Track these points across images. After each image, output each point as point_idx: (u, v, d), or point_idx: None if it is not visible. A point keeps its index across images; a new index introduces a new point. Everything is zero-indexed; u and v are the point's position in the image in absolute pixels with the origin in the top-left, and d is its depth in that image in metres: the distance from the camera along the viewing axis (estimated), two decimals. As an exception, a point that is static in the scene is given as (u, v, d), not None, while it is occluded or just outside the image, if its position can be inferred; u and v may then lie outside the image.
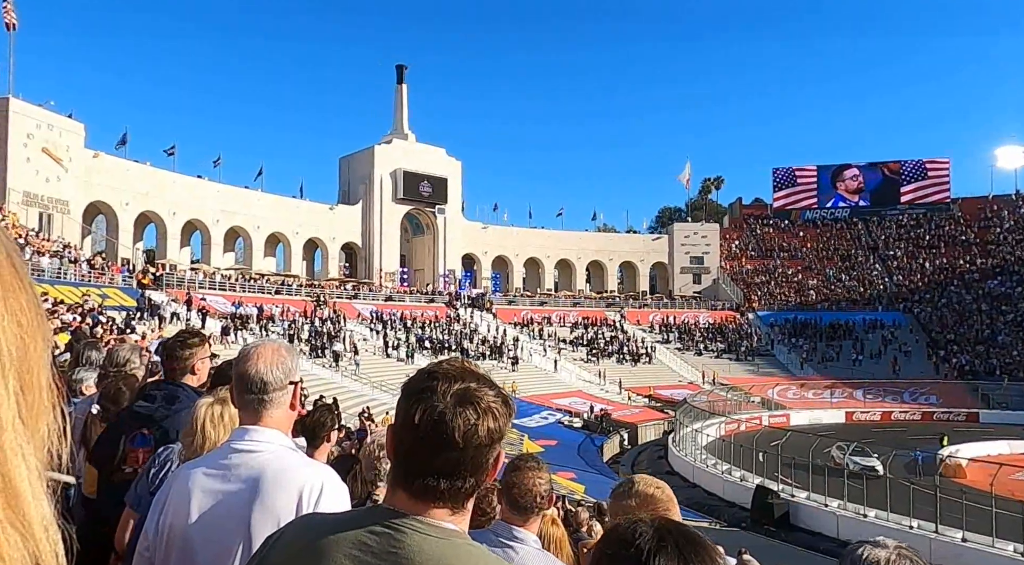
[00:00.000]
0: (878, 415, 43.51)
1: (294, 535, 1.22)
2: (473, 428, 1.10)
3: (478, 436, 1.10)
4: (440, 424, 1.10)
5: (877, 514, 18.64)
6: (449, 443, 1.10)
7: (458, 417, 1.10)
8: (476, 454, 1.12)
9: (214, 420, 2.16)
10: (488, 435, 1.12)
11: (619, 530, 1.11)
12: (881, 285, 62.70)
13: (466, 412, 1.11)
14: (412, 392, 1.16)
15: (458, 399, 1.12)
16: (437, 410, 1.11)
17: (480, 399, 1.13)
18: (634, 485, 1.88)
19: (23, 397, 0.36)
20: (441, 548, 1.07)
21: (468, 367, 1.19)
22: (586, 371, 47.96)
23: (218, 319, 35.95)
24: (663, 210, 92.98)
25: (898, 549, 1.16)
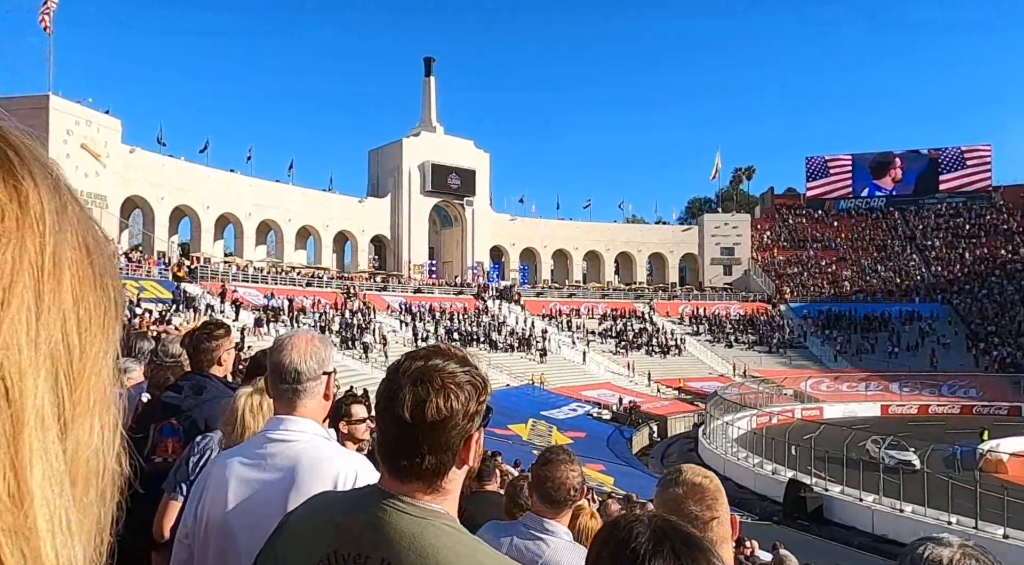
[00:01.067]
0: (915, 408, 42.62)
1: (301, 514, 1.28)
2: (422, 404, 1.10)
3: (427, 413, 1.09)
4: (392, 400, 1.12)
5: (914, 509, 18.28)
6: (399, 419, 1.10)
7: (408, 393, 1.11)
8: (431, 432, 1.10)
9: (253, 410, 2.19)
10: (437, 412, 1.09)
11: (617, 529, 1.09)
12: (918, 276, 61.28)
13: (416, 388, 1.11)
14: (387, 372, 1.20)
15: (416, 377, 1.12)
16: (392, 387, 1.13)
17: (435, 377, 1.11)
18: (681, 474, 1.85)
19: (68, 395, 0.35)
20: (417, 527, 1.09)
21: (443, 348, 1.20)
22: (615, 363, 47.78)
23: (251, 311, 36.59)
24: (693, 201, 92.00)
25: (963, 548, 1.10)
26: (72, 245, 0.36)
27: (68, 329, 0.35)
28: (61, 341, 0.34)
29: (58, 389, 0.34)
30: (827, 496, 20.61)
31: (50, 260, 0.34)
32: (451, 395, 1.11)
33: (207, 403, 2.86)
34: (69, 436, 0.34)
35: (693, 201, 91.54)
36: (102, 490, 0.39)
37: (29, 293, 0.33)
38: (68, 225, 0.36)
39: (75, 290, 0.36)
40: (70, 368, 0.35)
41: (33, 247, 0.33)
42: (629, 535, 1.05)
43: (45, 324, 0.33)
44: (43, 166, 0.37)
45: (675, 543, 1.03)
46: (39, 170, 0.36)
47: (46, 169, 0.37)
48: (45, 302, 0.33)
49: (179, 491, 2.40)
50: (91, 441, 0.37)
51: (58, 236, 0.34)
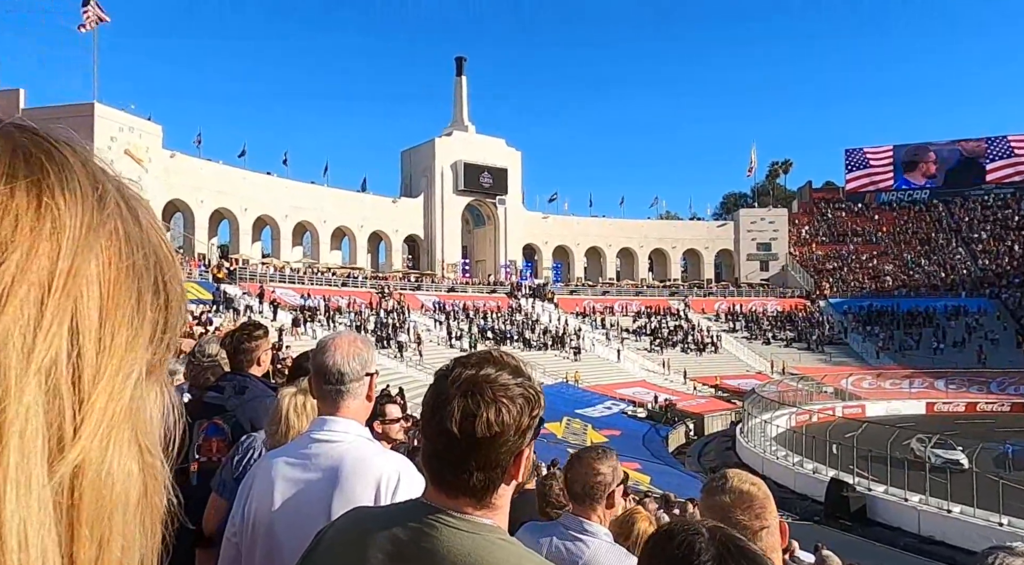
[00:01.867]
0: (962, 406, 41.35)
1: (342, 527, 1.22)
2: (471, 419, 1.03)
3: (477, 428, 1.03)
4: (440, 411, 1.05)
5: (963, 510, 17.75)
6: (446, 432, 1.04)
7: (457, 406, 1.04)
8: (479, 447, 1.03)
9: (297, 410, 2.23)
10: (488, 427, 1.03)
11: (672, 541, 1.03)
12: (964, 270, 59.42)
13: (467, 402, 1.04)
14: (434, 379, 1.12)
15: (465, 387, 1.05)
16: (441, 397, 1.06)
17: (486, 389, 1.05)
18: (728, 481, 1.77)
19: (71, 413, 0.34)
20: (471, 542, 1.03)
21: (496, 356, 1.12)
22: (650, 361, 47.38)
23: (288, 311, 37.21)
24: (728, 196, 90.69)
25: None
26: (107, 262, 0.35)
27: (83, 345, 0.34)
28: (68, 357, 0.33)
29: (55, 405, 0.33)
30: (871, 496, 20.14)
31: (65, 274, 0.33)
32: (502, 409, 1.04)
33: (250, 403, 2.92)
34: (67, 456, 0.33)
35: (728, 196, 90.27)
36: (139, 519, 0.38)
37: (30, 304, 0.32)
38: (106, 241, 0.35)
39: (104, 307, 0.35)
40: (77, 385, 0.34)
41: (46, 258, 0.33)
42: (691, 551, 0.99)
43: (46, 336, 0.32)
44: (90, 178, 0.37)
45: (741, 561, 0.98)
46: (81, 182, 0.36)
47: (93, 182, 0.37)
48: (49, 314, 0.33)
49: (225, 490, 2.45)
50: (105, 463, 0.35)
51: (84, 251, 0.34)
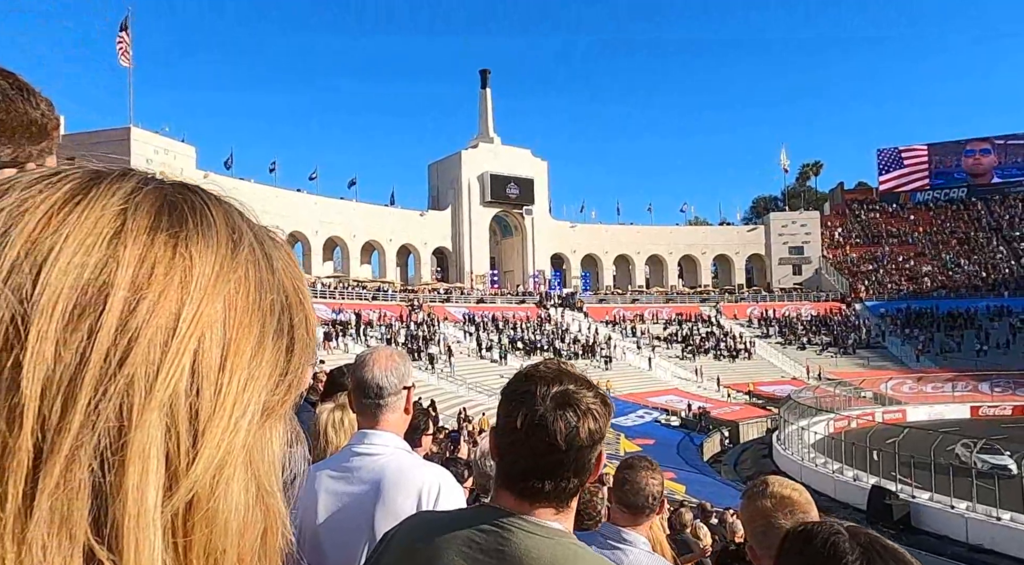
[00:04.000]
0: (1009, 409, 40.03)
1: (409, 533, 1.26)
2: (575, 430, 1.13)
3: (579, 438, 1.13)
4: (541, 427, 1.13)
5: (1013, 517, 17.16)
6: (552, 446, 1.12)
7: (559, 420, 1.13)
8: (578, 455, 1.13)
9: (335, 425, 2.27)
10: (590, 436, 1.14)
11: (812, 542, 1.02)
12: (1007, 269, 57.77)
13: (566, 415, 1.13)
14: (512, 396, 1.18)
15: (558, 402, 1.14)
16: (538, 414, 1.13)
17: (579, 401, 1.14)
18: (768, 486, 1.80)
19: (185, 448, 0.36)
20: (548, 547, 1.09)
21: (564, 368, 1.22)
22: (682, 368, 46.88)
23: (320, 326, 37.71)
24: (757, 200, 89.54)
25: None
26: (234, 306, 0.38)
27: (201, 384, 0.36)
28: (187, 395, 0.36)
29: (173, 439, 0.35)
30: (915, 503, 19.59)
31: (191, 318, 0.36)
32: (596, 417, 1.15)
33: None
34: (181, 486, 0.35)
35: (758, 200, 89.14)
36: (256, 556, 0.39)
37: (156, 345, 0.35)
38: (235, 287, 0.38)
39: (226, 348, 0.38)
40: (194, 421, 0.36)
41: (175, 303, 0.36)
42: (836, 551, 0.99)
43: (168, 375, 0.35)
44: (228, 229, 0.41)
45: (888, 561, 0.98)
46: (219, 232, 0.40)
47: (230, 233, 0.41)
48: (172, 354, 0.35)
49: None
50: (217, 498, 0.37)
51: (211, 296, 0.37)
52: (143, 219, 0.37)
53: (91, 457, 0.33)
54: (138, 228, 0.36)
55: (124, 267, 0.35)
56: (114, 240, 0.35)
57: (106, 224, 0.36)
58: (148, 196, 0.38)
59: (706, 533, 7.58)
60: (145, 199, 0.38)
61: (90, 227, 0.35)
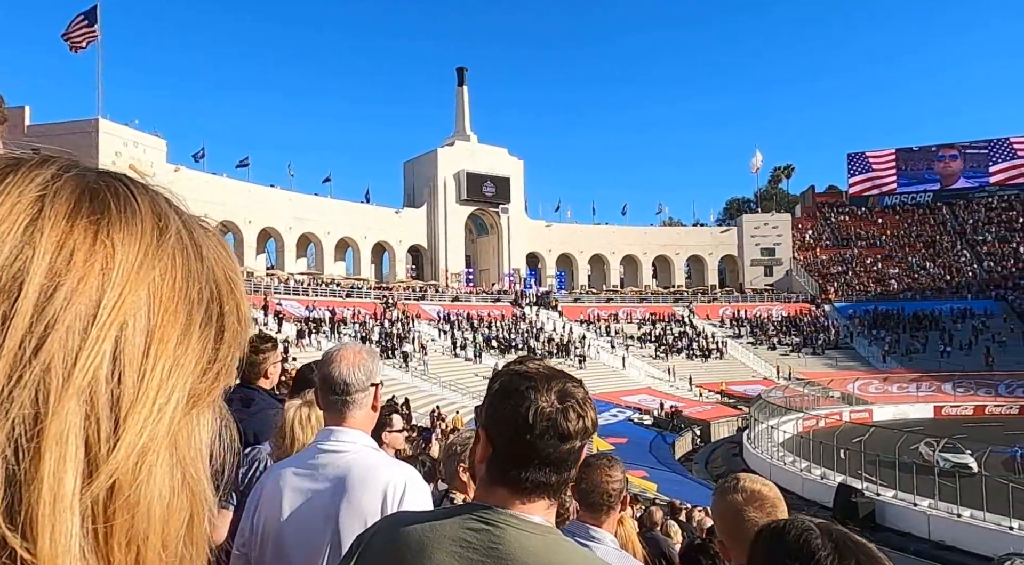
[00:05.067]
0: (970, 409, 41.07)
1: (389, 533, 1.23)
2: (580, 421, 1.18)
3: (585, 429, 1.18)
4: (551, 420, 1.17)
5: (972, 514, 17.61)
6: (562, 436, 1.16)
7: (570, 412, 1.17)
8: (579, 449, 1.19)
9: (302, 422, 2.25)
10: (591, 428, 1.20)
11: (787, 537, 1.04)
12: (970, 272, 59.24)
13: (574, 407, 1.18)
14: (512, 393, 1.20)
15: (560, 396, 1.18)
16: (546, 409, 1.17)
17: (576, 394, 1.20)
18: (740, 481, 1.85)
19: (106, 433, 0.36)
20: (539, 543, 1.10)
21: (553, 366, 1.27)
22: (655, 368, 47.27)
23: (293, 323, 37.29)
24: (731, 201, 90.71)
25: None
26: (158, 295, 0.38)
27: (123, 370, 0.36)
28: (107, 382, 0.36)
29: (93, 425, 0.35)
30: (879, 501, 20.00)
31: (112, 305, 0.36)
32: (592, 410, 1.21)
33: (256, 416, 2.94)
34: (101, 473, 0.35)
35: (731, 202, 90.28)
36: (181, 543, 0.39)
37: (75, 331, 0.35)
38: (160, 275, 0.38)
39: (150, 336, 0.38)
40: (115, 408, 0.36)
41: (94, 290, 0.36)
42: (808, 547, 1.01)
43: (86, 361, 0.35)
44: (154, 217, 0.41)
45: (860, 557, 1.00)
46: (143, 220, 0.40)
47: (156, 220, 0.40)
48: (91, 341, 0.35)
49: (229, 501, 2.47)
50: (139, 485, 0.37)
51: (133, 284, 0.37)
52: (62, 206, 0.37)
53: (4, 444, 0.33)
54: (56, 215, 0.36)
55: (41, 254, 0.35)
56: (30, 227, 0.35)
57: (22, 211, 0.36)
58: (69, 183, 0.38)
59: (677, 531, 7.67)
60: (65, 186, 0.38)
61: (4, 214, 0.35)
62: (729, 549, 1.75)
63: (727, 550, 1.77)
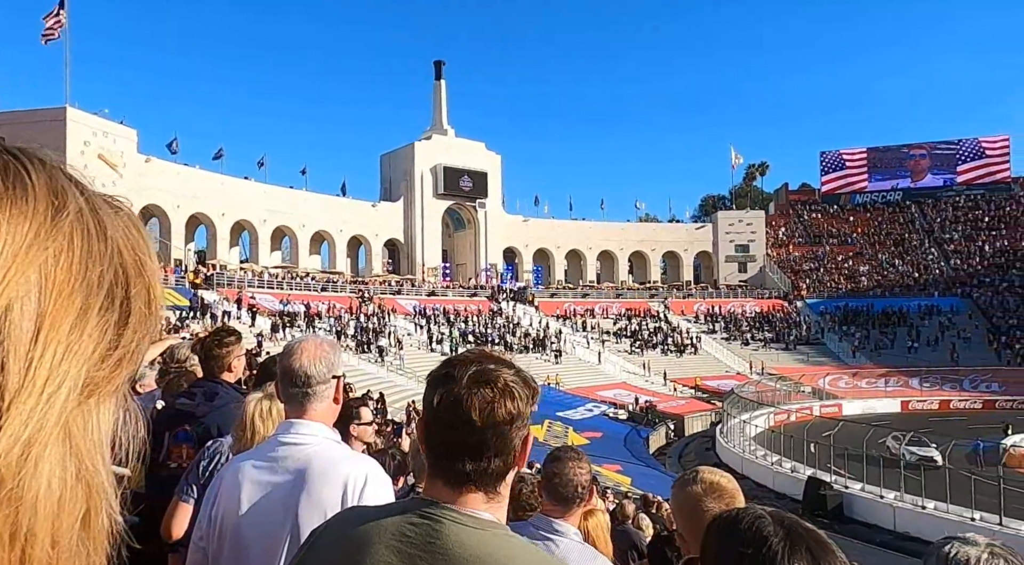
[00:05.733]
0: (936, 404, 42.06)
1: (339, 527, 1.23)
2: (490, 407, 1.12)
3: (496, 415, 1.12)
4: (458, 404, 1.13)
5: (936, 506, 18.06)
6: (469, 422, 1.11)
7: (474, 397, 1.12)
8: (497, 433, 1.12)
9: (263, 415, 2.22)
10: (507, 414, 1.13)
11: (741, 525, 1.05)
12: (937, 270, 60.54)
13: (482, 391, 1.13)
14: (433, 379, 1.19)
15: (474, 380, 1.14)
16: (454, 392, 1.14)
17: (497, 379, 1.14)
18: (698, 473, 1.88)
19: None
20: (479, 538, 1.07)
21: (486, 352, 1.22)
22: (630, 363, 47.62)
23: (267, 317, 36.87)
24: (706, 198, 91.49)
25: (990, 547, 1.08)
26: (51, 276, 0.36)
27: (7, 355, 0.35)
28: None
29: None
30: (847, 493, 20.41)
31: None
32: (515, 395, 1.15)
33: (220, 409, 2.91)
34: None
35: (707, 199, 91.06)
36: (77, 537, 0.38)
37: None
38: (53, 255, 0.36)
39: (41, 319, 0.36)
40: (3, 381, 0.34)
41: None
42: (760, 534, 1.02)
43: None
44: (49, 194, 0.38)
45: (810, 543, 1.01)
46: (36, 197, 0.37)
47: (51, 197, 0.38)
48: None
49: (189, 494, 2.44)
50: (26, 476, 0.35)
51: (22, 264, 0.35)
52: None
53: None
54: None
55: None
56: None
57: None
58: None
59: (648, 524, 7.76)
60: None
61: None
62: (687, 541, 1.77)
63: (685, 542, 1.79)
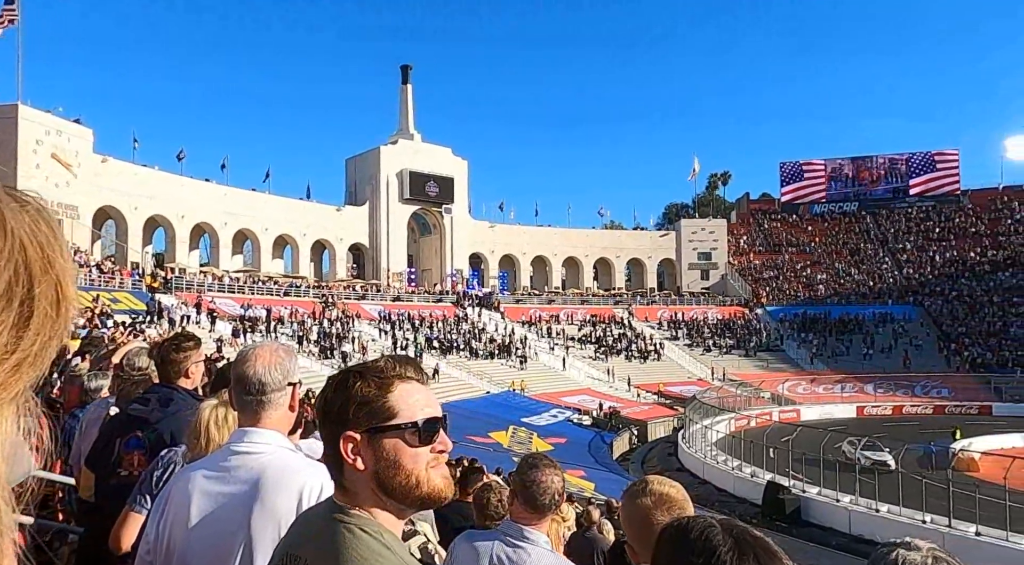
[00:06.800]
0: (889, 409, 43.22)
1: (288, 533, 1.31)
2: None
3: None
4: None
5: (889, 509, 18.52)
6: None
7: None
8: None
9: (218, 422, 2.16)
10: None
11: (691, 535, 1.06)
12: (891, 278, 62.32)
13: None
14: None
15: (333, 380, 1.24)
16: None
17: (332, 379, 1.23)
18: (648, 484, 1.89)
19: None
20: (331, 527, 1.13)
21: (390, 354, 1.33)
22: (595, 369, 47.90)
23: (227, 321, 36.13)
24: (670, 206, 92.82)
25: (932, 552, 1.11)
26: None
27: None
28: None
29: None
30: (805, 497, 20.78)
31: None
32: (323, 391, 1.22)
33: (174, 415, 2.83)
34: None
35: (670, 207, 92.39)
36: None
37: None
38: None
39: None
40: None
41: None
42: (709, 544, 1.03)
43: None
44: None
45: (758, 551, 1.02)
46: None
47: None
48: None
49: (141, 504, 2.36)
50: None
51: None
52: None
53: None
54: None
55: None
56: None
57: None
58: None
59: (610, 530, 7.79)
60: None
61: None
62: (638, 552, 1.77)
63: (635, 553, 1.79)
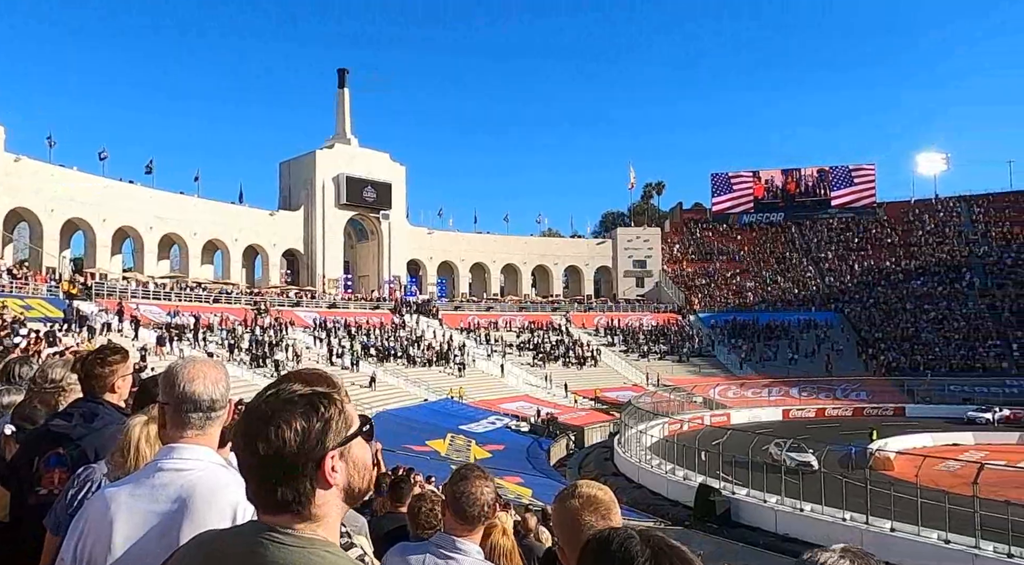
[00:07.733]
0: (813, 412, 45.08)
1: (188, 550, 1.24)
2: (252, 439, 1.10)
3: (260, 448, 1.08)
4: (236, 436, 1.14)
5: (812, 508, 19.30)
6: (240, 455, 1.12)
7: (242, 429, 1.12)
8: (270, 464, 1.08)
9: (149, 439, 2.09)
10: (268, 446, 1.08)
11: (608, 547, 1.11)
12: (814, 286, 65.17)
13: (250, 424, 1.11)
14: None
15: (251, 410, 1.13)
16: (237, 423, 1.15)
17: (265, 409, 1.11)
18: (577, 487, 1.94)
19: None
20: (298, 556, 1.07)
21: (296, 373, 1.20)
22: (533, 375, 48.19)
23: (152, 329, 34.63)
24: (607, 215, 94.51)
25: (845, 551, 1.21)
26: None
27: None
28: None
29: None
30: (734, 499, 21.42)
31: None
32: (282, 424, 1.09)
33: (98, 431, 2.70)
34: None
35: (607, 215, 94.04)
36: None
37: None
38: None
39: None
40: None
41: None
42: (628, 554, 1.08)
43: None
44: None
45: (674, 560, 1.07)
46: None
47: None
48: None
49: (61, 528, 2.25)
50: None
51: None
52: None
53: None
54: None
55: None
56: None
57: None
58: None
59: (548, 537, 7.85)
60: None
61: None
62: (568, 555, 1.81)
63: (566, 557, 1.83)
